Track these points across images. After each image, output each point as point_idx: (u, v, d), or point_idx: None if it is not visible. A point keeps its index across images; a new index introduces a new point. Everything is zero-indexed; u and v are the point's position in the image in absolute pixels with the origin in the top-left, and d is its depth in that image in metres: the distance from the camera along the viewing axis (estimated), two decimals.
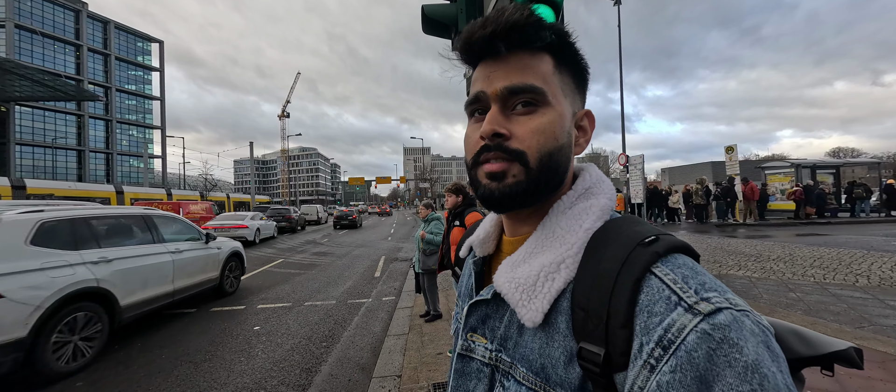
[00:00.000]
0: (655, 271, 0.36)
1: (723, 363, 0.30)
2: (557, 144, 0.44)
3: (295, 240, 15.58)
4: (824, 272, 5.58)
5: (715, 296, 0.33)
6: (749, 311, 0.33)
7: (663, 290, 0.35)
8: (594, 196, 0.46)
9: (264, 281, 7.18)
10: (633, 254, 0.37)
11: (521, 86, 0.43)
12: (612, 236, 0.41)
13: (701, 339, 0.31)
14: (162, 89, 52.48)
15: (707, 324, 0.31)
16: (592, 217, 0.43)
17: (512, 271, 0.44)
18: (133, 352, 3.76)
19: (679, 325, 0.32)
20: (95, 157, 45.22)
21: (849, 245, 7.89)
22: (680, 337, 0.32)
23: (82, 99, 15.74)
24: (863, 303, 4.12)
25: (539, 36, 0.43)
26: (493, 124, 0.43)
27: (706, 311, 0.32)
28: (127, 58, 48.34)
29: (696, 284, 0.34)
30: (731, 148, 15.89)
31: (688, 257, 0.38)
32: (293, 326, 4.49)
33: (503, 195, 0.44)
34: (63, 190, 17.19)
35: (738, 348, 0.30)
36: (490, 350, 0.46)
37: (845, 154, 52.38)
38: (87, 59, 43.56)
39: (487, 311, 0.48)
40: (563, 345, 0.39)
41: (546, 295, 0.40)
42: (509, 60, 0.44)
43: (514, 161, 0.43)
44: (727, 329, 0.31)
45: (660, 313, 0.33)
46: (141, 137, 50.49)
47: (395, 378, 2.98)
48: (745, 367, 0.29)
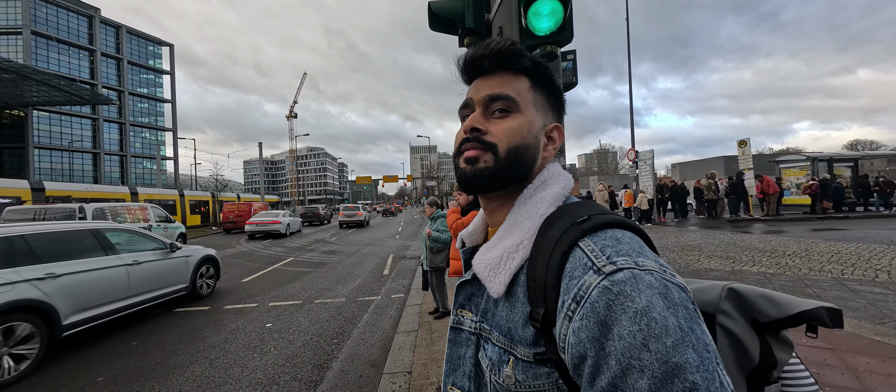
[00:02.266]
0: (580, 244, 0.44)
1: (618, 310, 0.37)
2: (524, 143, 0.54)
3: (304, 239, 15.76)
4: (842, 267, 5.44)
5: (623, 260, 0.41)
6: (654, 271, 0.40)
7: (583, 258, 0.43)
8: (549, 186, 0.55)
9: (275, 279, 7.29)
10: (566, 232, 0.46)
11: (499, 94, 0.55)
12: (558, 219, 0.49)
13: (602, 293, 0.39)
14: (173, 92, 53.41)
15: (607, 281, 0.39)
16: (546, 204, 0.52)
17: (484, 255, 0.54)
18: (151, 348, 3.86)
19: (588, 283, 0.40)
20: (110, 159, 46.29)
21: (868, 240, 7.68)
22: (588, 293, 0.40)
23: (97, 103, 16.19)
24: (883, 298, 4.01)
25: (517, 61, 0.56)
26: (472, 121, 0.55)
27: (609, 271, 0.40)
28: (138, 62, 49.29)
29: (610, 252, 0.42)
30: (743, 142, 15.56)
31: (618, 231, 0.45)
32: (304, 323, 4.55)
33: (473, 176, 0.54)
34: (80, 192, 17.65)
35: (631, 298, 0.37)
36: (475, 321, 0.56)
37: (864, 147, 50.75)
38: (100, 64, 44.55)
39: (472, 290, 0.58)
40: (521, 310, 0.48)
41: (507, 271, 0.49)
42: (494, 77, 0.57)
43: (487, 150, 0.54)
44: (624, 284, 0.38)
45: (577, 276, 0.42)
46: (153, 139, 51.51)
47: (405, 374, 3.00)
48: (635, 312, 0.37)
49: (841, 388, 2.30)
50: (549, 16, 1.74)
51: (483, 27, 1.95)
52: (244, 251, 11.99)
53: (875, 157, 17.88)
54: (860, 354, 2.68)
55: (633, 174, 15.65)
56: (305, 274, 7.76)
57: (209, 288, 6.12)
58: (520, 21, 1.73)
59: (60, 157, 41.92)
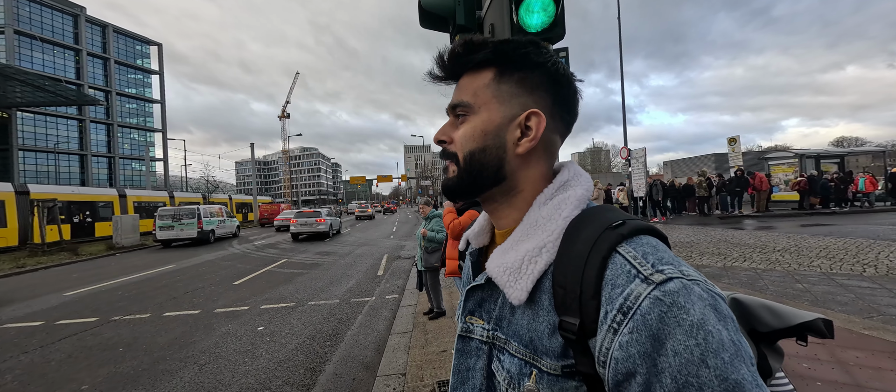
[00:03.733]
0: (619, 250, 0.41)
1: (673, 323, 0.35)
2: (479, 146, 0.52)
3: (273, 249, 15.62)
4: (831, 262, 5.53)
5: (669, 268, 0.38)
6: (700, 281, 0.38)
7: (625, 265, 0.40)
8: (571, 188, 0.51)
9: (268, 281, 7.19)
10: (602, 236, 0.43)
11: (454, 103, 0.54)
12: (586, 222, 0.46)
13: (653, 304, 0.36)
14: (162, 92, 52.53)
15: (659, 291, 0.37)
16: (570, 206, 0.49)
17: (501, 257, 0.50)
18: (138, 354, 3.77)
19: (636, 293, 0.37)
20: (98, 161, 45.39)
21: (855, 235, 7.82)
22: (637, 303, 0.37)
23: (83, 103, 15.82)
24: (871, 292, 4.08)
25: (469, 60, 0.53)
26: (438, 134, 0.56)
27: (659, 280, 0.37)
28: (126, 61, 48.37)
29: (654, 259, 0.40)
30: (733, 139, 15.76)
31: (652, 237, 0.44)
32: (297, 326, 4.49)
33: (446, 186, 0.56)
34: (66, 195, 17.28)
35: (686, 310, 0.35)
36: (487, 330, 0.52)
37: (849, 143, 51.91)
38: (86, 64, 43.64)
39: (483, 296, 0.54)
40: (546, 319, 0.44)
41: (530, 276, 0.46)
42: (459, 83, 0.55)
43: (451, 160, 0.54)
44: (676, 295, 0.36)
45: (621, 285, 0.39)
46: (142, 140, 50.63)
47: (399, 376, 2.97)
48: (692, 325, 0.34)
49: (831, 382, 2.32)
50: (540, 12, 1.72)
51: (474, 24, 1.92)
52: (236, 253, 11.84)
53: (860, 154, 18.26)
54: (850, 349, 2.71)
55: (626, 172, 15.77)
56: (298, 275, 7.68)
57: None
58: (511, 17, 1.70)
59: (46, 158, 41.01)
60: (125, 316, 5.14)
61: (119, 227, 15.19)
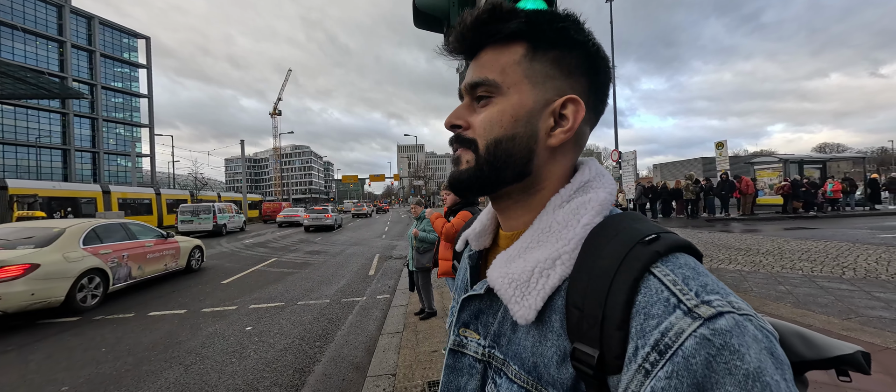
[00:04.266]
0: (655, 271, 0.35)
1: (722, 371, 0.29)
2: (507, 134, 0.44)
3: (288, 239, 15.44)
4: (812, 265, 5.68)
5: (716, 299, 0.32)
6: (753, 316, 0.32)
7: (662, 291, 0.33)
8: (593, 190, 0.44)
9: (257, 280, 7.09)
10: (632, 252, 0.36)
11: (475, 81, 0.46)
12: (611, 233, 0.39)
13: (700, 345, 0.30)
14: (149, 86, 51.43)
15: (707, 328, 0.30)
16: (591, 212, 0.42)
17: (506, 266, 0.43)
18: (121, 354, 3.68)
19: (677, 328, 0.31)
20: (81, 156, 44.22)
21: (835, 238, 8.06)
22: (678, 342, 0.30)
23: (67, 97, 15.32)
24: (850, 294, 4.20)
25: (499, 29, 0.44)
26: (451, 117, 0.48)
27: (707, 315, 0.31)
28: (112, 55, 47.23)
29: (697, 286, 0.33)
30: (721, 143, 16.10)
31: (690, 257, 0.37)
32: (286, 326, 4.43)
33: (454, 179, 0.47)
34: (47, 190, 16.78)
35: (740, 355, 0.29)
36: (483, 346, 0.46)
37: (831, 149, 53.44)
38: (71, 56, 42.49)
39: (481, 307, 0.48)
40: (556, 344, 0.38)
41: (540, 292, 0.39)
42: (479, 58, 0.47)
43: (467, 149, 0.46)
44: (728, 335, 0.30)
45: (657, 316, 0.32)
46: (128, 136, 49.48)
47: (389, 377, 2.95)
48: (747, 376, 0.28)
49: (812, 381, 2.38)
50: None
51: None
52: (224, 251, 11.65)
53: (841, 159, 18.82)
54: None
55: (617, 174, 15.99)
56: (288, 275, 7.59)
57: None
58: None
59: (26, 153, 39.83)
60: (108, 315, 5.01)
61: None
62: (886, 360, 2.60)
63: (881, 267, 5.33)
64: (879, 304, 3.84)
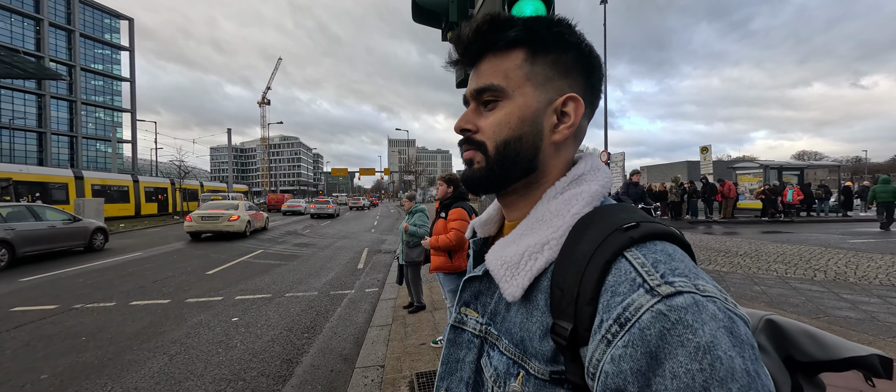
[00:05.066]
0: (627, 255, 0.38)
1: (675, 342, 0.31)
2: (514, 134, 0.48)
3: (275, 231, 15.24)
4: (786, 267, 5.93)
5: (681, 281, 0.34)
6: (717, 298, 0.33)
7: (630, 272, 0.36)
8: (586, 183, 0.48)
9: (243, 272, 7.00)
10: (609, 237, 0.39)
11: (481, 87, 0.49)
12: (596, 221, 0.43)
13: (655, 319, 0.32)
14: (132, 70, 49.65)
15: (664, 305, 0.32)
16: (581, 203, 0.45)
17: (502, 250, 0.47)
18: (103, 343, 3.61)
19: (637, 304, 0.34)
20: (58, 140, 42.53)
21: (809, 242, 8.41)
22: (636, 315, 0.33)
23: (43, 77, 14.68)
24: (819, 295, 4.41)
25: (499, 38, 0.47)
26: (461, 122, 0.51)
27: (665, 293, 0.33)
28: (93, 35, 45.39)
29: (665, 270, 0.35)
30: (705, 148, 16.53)
31: (668, 244, 0.39)
32: (273, 317, 4.41)
33: (467, 179, 0.51)
34: (11, 173, 15.96)
35: (693, 330, 0.31)
36: (480, 323, 0.50)
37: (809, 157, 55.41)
38: (48, 35, 40.66)
39: (480, 288, 0.52)
40: (540, 320, 0.42)
41: (527, 273, 0.43)
42: (481, 65, 0.50)
43: (477, 150, 0.50)
44: (684, 311, 0.32)
45: (622, 293, 0.35)
46: (109, 121, 47.75)
47: (378, 368, 2.98)
48: (698, 347, 0.30)
49: None
50: (532, 12, 1.76)
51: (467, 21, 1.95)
52: (209, 242, 11.43)
53: (818, 167, 19.55)
54: None
55: None
56: (275, 267, 7.52)
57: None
58: None
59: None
60: (88, 304, 4.89)
61: (81, 211, 14.35)
62: None
63: (850, 270, 5.61)
64: (846, 305, 4.05)
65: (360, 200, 43.93)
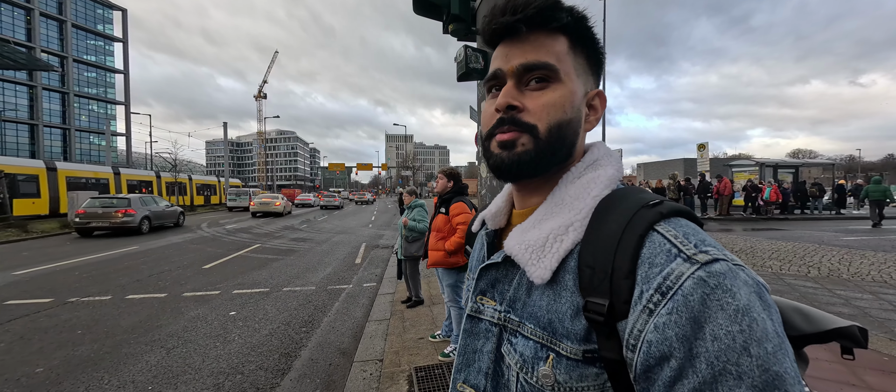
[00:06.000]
0: (658, 229, 0.39)
1: (716, 306, 0.33)
2: (566, 118, 0.47)
3: (273, 225, 15.18)
4: (781, 263, 5.99)
5: (713, 249, 0.36)
6: (744, 267, 0.36)
7: (664, 244, 0.38)
8: (602, 167, 0.49)
9: (240, 266, 6.98)
10: (638, 214, 0.40)
11: (535, 63, 0.47)
12: (618, 201, 0.44)
13: (697, 285, 0.34)
14: (125, 62, 48.96)
15: (704, 271, 0.34)
16: (600, 185, 0.46)
17: (522, 235, 0.48)
18: (100, 337, 3.59)
19: (678, 272, 0.35)
20: (51, 132, 41.98)
21: (803, 239, 8.50)
22: (678, 283, 0.34)
23: (35, 68, 14.33)
24: (813, 292, 4.47)
25: (556, 17, 0.46)
26: (507, 97, 0.47)
27: (704, 260, 0.35)
28: (85, 26, 44.66)
29: (696, 240, 0.37)
30: (703, 146, 16.61)
31: (691, 221, 0.42)
32: (271, 312, 4.40)
33: (512, 162, 0.47)
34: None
35: (732, 293, 0.33)
36: (498, 311, 0.49)
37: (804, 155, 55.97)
38: (39, 25, 39.95)
39: (497, 275, 0.51)
40: (570, 300, 0.42)
41: (555, 254, 0.43)
42: (527, 40, 0.48)
43: (524, 132, 0.47)
44: (722, 276, 0.34)
45: (660, 264, 0.36)
46: (102, 113, 47.15)
47: (376, 362, 2.99)
48: (737, 310, 0.32)
49: None
50: None
51: (468, 15, 1.93)
52: (205, 236, 11.37)
53: (813, 165, 19.72)
54: None
55: None
56: (273, 261, 7.49)
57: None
58: None
59: None
60: (83, 297, 4.86)
61: (76, 204, 14.20)
62: None
63: (843, 267, 5.68)
64: (839, 301, 4.10)
65: (365, 195, 47.09)
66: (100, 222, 11.04)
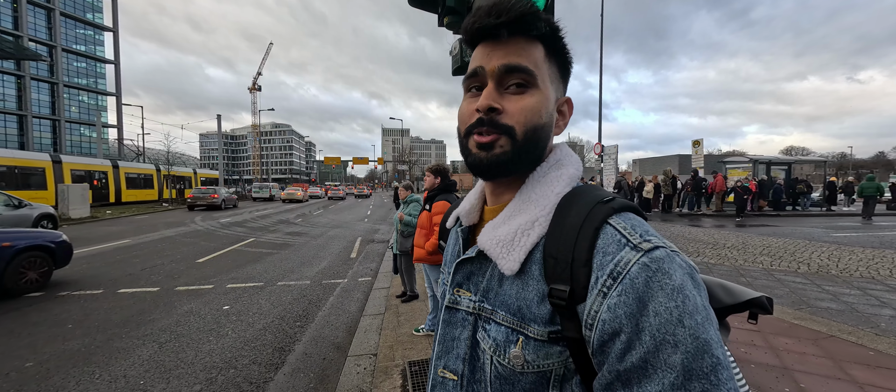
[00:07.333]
0: (611, 222, 0.44)
1: (657, 286, 0.38)
2: (541, 122, 0.51)
3: (268, 219, 15.09)
4: (772, 259, 6.07)
5: (655, 239, 0.42)
6: (679, 253, 0.43)
7: (616, 235, 0.43)
8: (564, 166, 0.54)
9: (234, 260, 6.93)
10: (594, 209, 0.46)
11: (516, 65, 0.49)
12: (578, 198, 0.49)
13: (641, 269, 0.39)
14: (116, 52, 47.99)
15: (647, 257, 0.40)
16: (563, 183, 0.51)
17: (494, 231, 0.52)
18: (90, 331, 3.55)
19: (626, 259, 0.41)
20: (40, 123, 41.20)
21: (793, 236, 8.62)
22: (626, 268, 0.40)
23: (23, 58, 13.83)
24: (803, 287, 4.54)
25: (536, 25, 0.50)
26: (489, 100, 0.50)
27: (647, 248, 0.41)
28: (74, 14, 43.63)
29: (641, 231, 0.43)
30: (697, 142, 16.71)
31: (637, 215, 0.47)
32: (265, 306, 4.38)
33: (490, 163, 0.51)
34: None
35: (669, 275, 0.39)
36: (474, 301, 0.53)
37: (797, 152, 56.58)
38: (26, 13, 38.97)
39: (472, 269, 0.55)
40: (536, 288, 0.46)
41: (522, 248, 0.48)
42: (507, 44, 0.50)
43: (502, 134, 0.50)
44: (661, 261, 0.40)
45: (612, 253, 0.42)
46: (93, 104, 46.31)
47: (370, 356, 2.99)
48: (673, 289, 0.38)
49: (763, 365, 2.59)
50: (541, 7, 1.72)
51: (464, 8, 1.90)
52: (199, 230, 11.28)
53: (805, 162, 19.94)
54: (781, 336, 3.03)
55: (599, 168, 16.38)
56: (267, 255, 7.45)
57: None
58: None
59: None
60: (74, 291, 4.80)
61: (66, 197, 14.00)
62: (831, 347, 2.85)
63: (832, 263, 5.77)
64: (828, 297, 4.17)
65: (364, 189, 50.95)
66: (201, 201, 19.33)
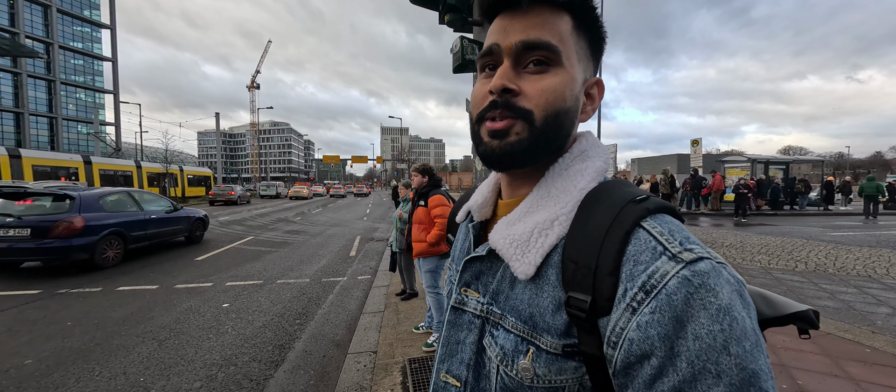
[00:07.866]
0: (644, 225, 0.38)
1: (698, 305, 0.32)
2: (565, 107, 0.44)
3: (267, 217, 15.07)
4: (769, 258, 6.10)
5: (697, 248, 0.36)
6: (726, 265, 0.36)
7: (650, 241, 0.37)
8: (590, 158, 0.47)
9: (234, 258, 6.93)
10: (624, 210, 0.39)
11: (537, 41, 0.43)
12: (605, 195, 0.42)
13: (681, 284, 0.33)
14: (114, 49, 47.71)
15: (688, 270, 0.34)
16: (587, 178, 0.45)
17: (507, 229, 0.46)
18: (90, 328, 3.55)
19: (662, 271, 0.34)
20: (37, 121, 40.97)
21: (791, 234, 8.65)
22: (662, 282, 0.34)
23: (19, 55, 13.85)
24: (800, 286, 4.56)
25: None
26: (503, 79, 0.43)
27: (688, 259, 0.34)
28: (71, 11, 43.36)
29: (681, 237, 0.37)
30: (696, 141, 16.75)
31: (675, 218, 0.41)
32: (265, 304, 4.39)
33: (504, 153, 0.44)
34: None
35: (715, 293, 0.33)
36: (482, 303, 0.49)
37: (795, 152, 56.80)
38: (23, 9, 38.71)
39: (481, 268, 0.50)
40: (551, 295, 0.41)
41: (539, 249, 0.42)
42: (528, 14, 0.43)
43: (519, 119, 0.43)
44: (706, 276, 0.33)
45: (645, 262, 0.36)
46: (90, 102, 46.07)
47: (370, 354, 3.00)
48: (719, 309, 0.32)
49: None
50: None
51: (465, 6, 1.90)
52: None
53: (803, 162, 20.01)
54: (778, 333, 3.05)
55: None
56: (266, 254, 7.45)
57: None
58: None
59: None
60: (73, 289, 4.79)
61: None
62: (827, 345, 2.87)
63: (829, 262, 5.80)
64: (825, 295, 4.20)
65: (363, 188, 52.15)
66: (221, 197, 22.58)
